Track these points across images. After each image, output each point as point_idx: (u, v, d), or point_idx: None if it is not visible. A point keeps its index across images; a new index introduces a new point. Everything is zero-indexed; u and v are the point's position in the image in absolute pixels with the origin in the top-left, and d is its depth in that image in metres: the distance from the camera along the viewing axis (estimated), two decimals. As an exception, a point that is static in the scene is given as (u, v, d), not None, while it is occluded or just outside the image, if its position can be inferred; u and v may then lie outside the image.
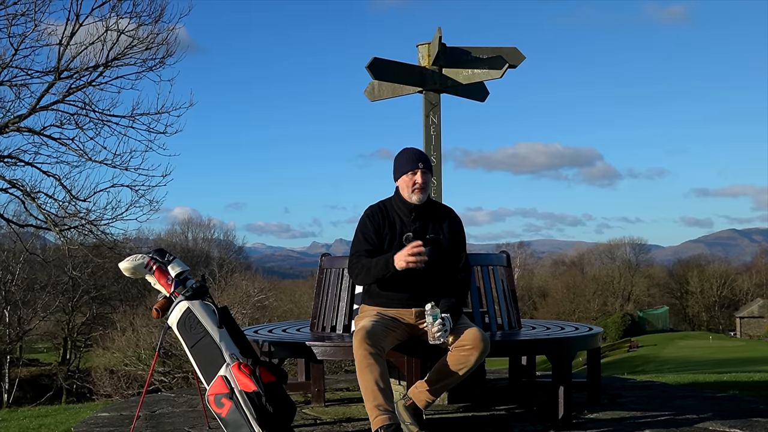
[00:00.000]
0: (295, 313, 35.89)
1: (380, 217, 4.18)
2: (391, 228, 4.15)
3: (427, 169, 4.16)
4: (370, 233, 4.15)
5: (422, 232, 4.14)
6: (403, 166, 4.18)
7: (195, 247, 59.39)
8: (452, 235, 4.22)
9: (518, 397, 5.45)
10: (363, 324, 3.92)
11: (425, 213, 4.20)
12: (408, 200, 4.15)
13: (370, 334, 3.82)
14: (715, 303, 74.15)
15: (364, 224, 4.20)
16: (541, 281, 76.76)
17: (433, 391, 4.03)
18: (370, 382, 3.74)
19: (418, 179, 4.12)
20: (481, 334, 3.93)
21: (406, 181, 4.15)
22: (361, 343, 3.80)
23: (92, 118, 13.51)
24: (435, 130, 5.85)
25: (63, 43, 12.62)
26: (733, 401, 5.39)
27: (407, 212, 4.17)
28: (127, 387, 25.88)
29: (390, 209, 4.22)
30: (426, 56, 5.85)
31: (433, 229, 4.18)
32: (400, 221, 4.17)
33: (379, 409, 3.71)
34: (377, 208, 4.24)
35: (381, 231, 4.14)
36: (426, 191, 4.17)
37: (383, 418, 3.68)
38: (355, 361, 3.81)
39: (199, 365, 3.94)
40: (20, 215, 17.15)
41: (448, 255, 4.17)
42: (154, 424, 4.74)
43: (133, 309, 34.66)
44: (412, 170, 4.13)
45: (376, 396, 3.72)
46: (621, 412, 4.82)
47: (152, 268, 4.16)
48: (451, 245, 4.19)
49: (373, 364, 3.77)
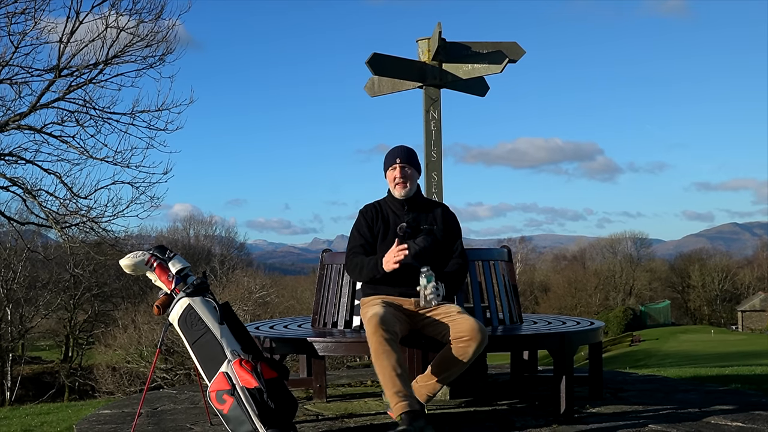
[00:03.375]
0: (297, 310, 35.87)
1: (373, 213, 4.36)
2: (384, 222, 4.30)
3: (405, 164, 4.32)
4: (363, 228, 4.33)
5: (416, 223, 4.26)
6: (386, 164, 4.40)
7: (196, 244, 59.32)
8: (446, 225, 4.34)
9: (520, 391, 5.45)
10: (375, 311, 3.91)
11: (418, 207, 4.35)
12: (394, 195, 4.34)
13: (384, 319, 3.83)
14: (717, 297, 74.09)
15: (359, 221, 4.39)
16: (543, 276, 76.70)
17: (434, 384, 4.06)
18: (387, 368, 3.76)
19: (397, 174, 4.30)
20: (478, 325, 3.93)
21: (389, 177, 4.37)
22: (376, 329, 3.79)
23: (93, 115, 13.54)
24: (435, 125, 5.84)
25: (63, 41, 12.62)
26: (735, 395, 5.39)
27: (400, 206, 4.33)
28: (129, 384, 25.87)
29: (384, 206, 4.39)
30: (426, 51, 5.84)
31: (427, 221, 4.30)
32: (393, 215, 4.32)
33: (399, 395, 3.72)
34: (371, 205, 4.44)
35: (374, 225, 4.30)
36: (408, 185, 4.31)
37: (404, 404, 3.69)
38: (371, 348, 3.82)
39: (201, 362, 3.94)
40: (22, 213, 17.19)
41: (443, 245, 4.27)
42: (156, 421, 4.74)
43: (134, 306, 34.59)
44: (391, 166, 4.34)
45: (395, 383, 3.74)
46: (623, 406, 4.82)
47: (153, 264, 4.16)
48: (445, 235, 4.30)
49: (389, 351, 3.78)
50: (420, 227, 4.25)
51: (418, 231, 4.23)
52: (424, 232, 4.22)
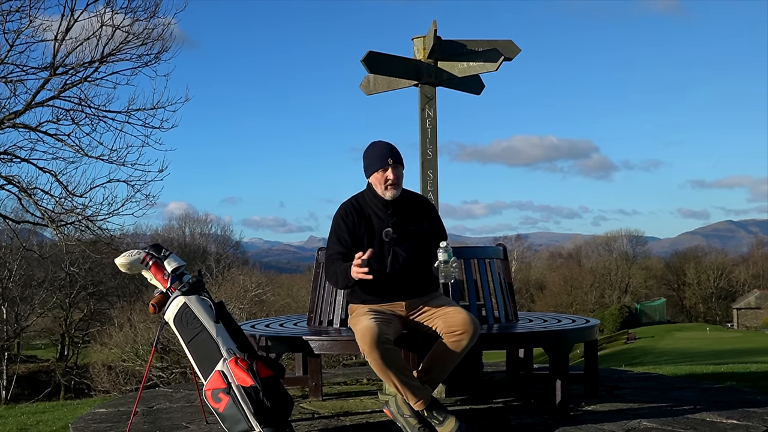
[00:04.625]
0: (293, 308, 35.90)
1: (354, 216, 4.10)
2: (367, 226, 4.08)
3: (397, 163, 4.08)
4: (343, 234, 4.08)
5: (400, 227, 4.08)
6: (373, 164, 4.10)
7: (192, 243, 59.25)
8: (431, 225, 4.19)
9: (516, 389, 5.45)
10: (365, 324, 3.82)
11: (401, 207, 4.13)
12: (382, 196, 4.09)
13: (378, 332, 3.76)
14: (712, 294, 74.25)
15: (338, 225, 4.12)
16: (539, 274, 76.79)
17: (429, 380, 4.04)
18: (395, 379, 3.84)
19: (390, 175, 4.04)
20: (470, 317, 3.92)
21: (378, 178, 4.07)
22: (374, 344, 3.74)
23: (88, 113, 13.49)
24: (431, 123, 5.84)
25: (58, 39, 12.59)
26: (731, 392, 5.40)
27: (383, 208, 4.10)
28: (125, 383, 25.82)
29: (364, 205, 4.15)
30: (421, 49, 5.84)
31: (412, 222, 4.13)
32: (376, 217, 4.10)
33: (417, 394, 3.89)
34: (350, 205, 4.16)
35: (356, 231, 4.08)
36: (399, 186, 4.10)
37: (421, 403, 3.89)
38: (373, 362, 3.78)
39: (196, 360, 3.94)
40: (17, 212, 17.14)
41: (428, 246, 4.08)
42: (152, 419, 4.74)
43: (130, 305, 34.58)
44: (382, 167, 4.05)
45: (405, 390, 3.88)
46: (618, 403, 4.83)
47: (148, 263, 4.15)
48: (431, 235, 4.14)
49: (391, 361, 3.80)
50: (405, 230, 4.07)
51: (404, 235, 4.06)
52: (410, 235, 4.08)
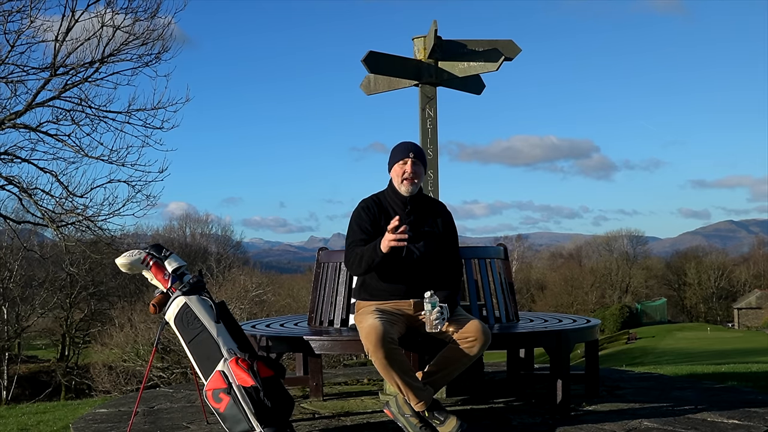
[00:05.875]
0: (293, 308, 35.93)
1: (375, 210, 4.19)
2: (386, 219, 4.13)
3: (418, 160, 4.16)
4: (365, 224, 4.16)
5: (417, 226, 4.14)
6: (395, 156, 4.20)
7: (193, 243, 59.30)
8: (446, 230, 4.26)
9: (516, 389, 5.45)
10: (370, 323, 3.85)
11: (419, 206, 4.22)
12: (398, 190, 4.17)
13: (383, 332, 3.79)
14: (713, 294, 74.27)
15: (359, 215, 4.21)
16: (539, 274, 76.81)
17: (432, 382, 4.05)
18: (398, 379, 3.86)
19: (408, 168, 4.13)
20: (483, 326, 3.96)
21: (397, 171, 4.18)
22: (379, 343, 3.76)
23: (88, 114, 13.46)
24: (431, 123, 5.84)
25: (59, 39, 12.56)
26: (731, 392, 5.40)
27: (401, 205, 4.19)
28: (126, 383, 25.84)
29: (384, 202, 4.24)
30: (422, 49, 5.83)
31: (428, 223, 4.20)
32: (394, 213, 4.15)
33: (418, 395, 3.91)
34: (371, 200, 4.26)
35: (378, 222, 4.15)
36: (416, 183, 4.17)
37: (422, 404, 3.92)
38: (378, 362, 3.80)
39: (197, 360, 3.94)
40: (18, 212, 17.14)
41: (442, 249, 4.20)
42: (153, 419, 4.74)
43: (131, 305, 34.57)
44: (402, 159, 4.15)
45: (407, 390, 3.89)
46: (619, 403, 4.83)
47: (149, 263, 4.15)
48: (444, 239, 4.22)
49: (395, 360, 3.82)
50: (421, 230, 4.14)
51: (419, 234, 4.11)
52: (424, 234, 4.14)
